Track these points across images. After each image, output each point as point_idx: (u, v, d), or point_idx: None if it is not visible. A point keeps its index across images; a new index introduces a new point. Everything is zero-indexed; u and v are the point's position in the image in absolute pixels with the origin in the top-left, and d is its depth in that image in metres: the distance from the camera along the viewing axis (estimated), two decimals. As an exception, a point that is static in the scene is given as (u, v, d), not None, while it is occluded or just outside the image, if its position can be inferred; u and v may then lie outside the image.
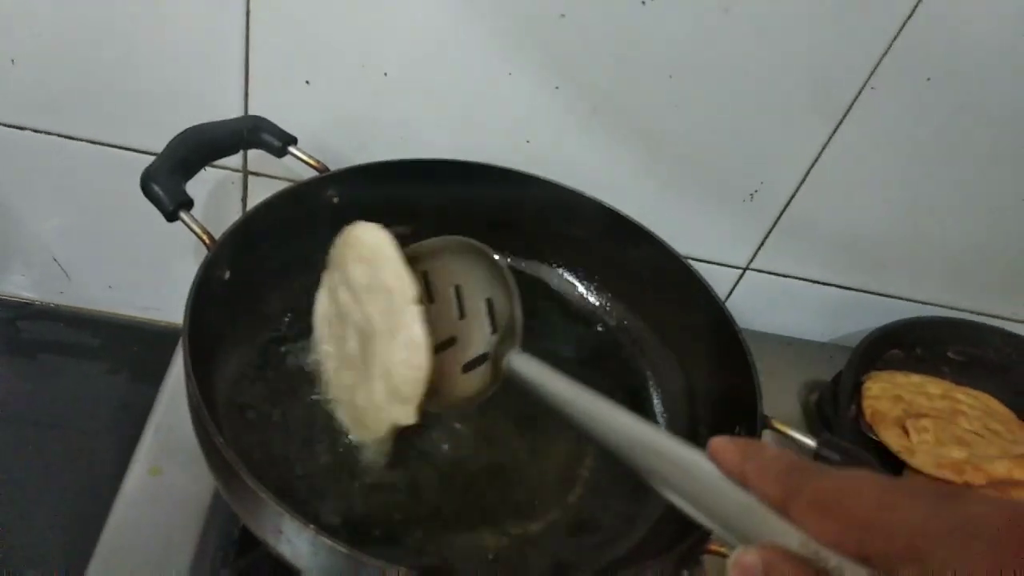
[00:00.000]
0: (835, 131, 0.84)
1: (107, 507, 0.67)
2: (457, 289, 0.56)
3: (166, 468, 0.70)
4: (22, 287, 0.98)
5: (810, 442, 0.62)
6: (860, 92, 0.80)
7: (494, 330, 0.55)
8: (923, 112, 0.82)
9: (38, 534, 0.82)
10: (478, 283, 0.55)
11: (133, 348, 0.98)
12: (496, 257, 0.55)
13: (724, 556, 0.54)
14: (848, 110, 0.82)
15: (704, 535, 0.54)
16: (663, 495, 0.40)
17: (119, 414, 0.92)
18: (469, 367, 0.56)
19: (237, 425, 0.62)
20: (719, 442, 0.39)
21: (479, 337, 0.56)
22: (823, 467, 0.35)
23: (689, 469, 0.40)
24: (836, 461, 0.61)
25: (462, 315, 0.56)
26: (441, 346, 0.57)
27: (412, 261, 0.56)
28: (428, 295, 0.56)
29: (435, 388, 0.55)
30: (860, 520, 0.32)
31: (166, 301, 0.99)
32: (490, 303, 0.56)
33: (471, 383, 0.56)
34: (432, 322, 0.54)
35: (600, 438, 0.45)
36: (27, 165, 0.85)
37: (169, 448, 0.71)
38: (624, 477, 0.68)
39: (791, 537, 0.34)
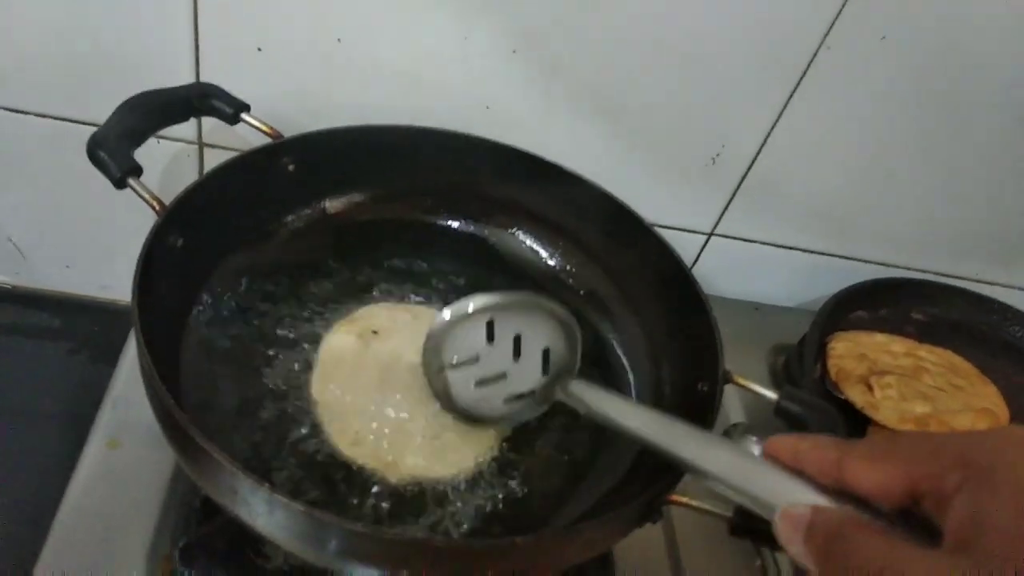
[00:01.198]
0: (793, 92, 0.84)
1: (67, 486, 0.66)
2: (517, 337, 0.62)
3: (125, 441, 0.69)
4: (-24, 270, 0.96)
5: (772, 395, 0.63)
6: (816, 53, 0.80)
7: (545, 372, 0.63)
8: (879, 71, 0.82)
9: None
10: (538, 334, 0.62)
11: (93, 328, 0.96)
12: (562, 314, 0.63)
13: (685, 506, 0.54)
14: (805, 71, 0.82)
15: (665, 486, 0.54)
16: (710, 487, 0.46)
17: (79, 394, 0.90)
18: (512, 400, 0.64)
19: (193, 394, 0.61)
20: (774, 441, 0.44)
21: (530, 378, 0.63)
22: (868, 437, 0.39)
23: (734, 463, 0.45)
24: (798, 413, 0.62)
25: (517, 357, 0.62)
26: (489, 380, 0.63)
27: (484, 312, 0.61)
28: (489, 336, 0.62)
29: (471, 410, 0.64)
30: (907, 455, 0.36)
31: (123, 280, 0.96)
32: (546, 352, 0.62)
33: (510, 409, 0.64)
34: (485, 358, 0.62)
35: (655, 449, 0.51)
36: (-27, 141, 0.82)
37: (127, 422, 0.70)
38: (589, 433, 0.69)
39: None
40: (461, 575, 0.49)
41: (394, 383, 0.66)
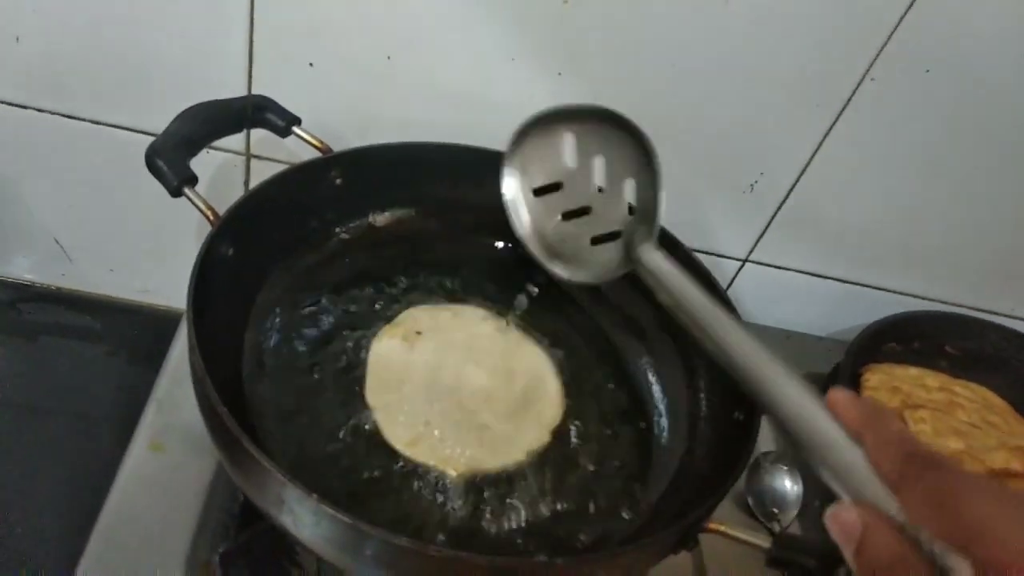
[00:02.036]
0: (834, 123, 0.84)
1: (107, 487, 0.67)
2: (601, 162, 0.55)
3: (168, 445, 0.70)
4: (23, 269, 0.98)
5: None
6: (860, 83, 0.81)
7: (631, 212, 0.55)
8: (923, 104, 0.82)
9: (38, 515, 0.82)
10: (624, 162, 0.55)
11: (132, 331, 0.98)
12: (648, 140, 0.55)
13: (723, 535, 0.54)
14: (848, 102, 0.82)
15: (704, 513, 0.54)
16: (769, 413, 0.42)
17: (117, 397, 0.92)
18: (598, 240, 0.57)
19: (240, 400, 0.62)
20: (840, 397, 0.39)
21: (615, 215, 0.56)
22: (939, 458, 0.35)
23: (799, 404, 0.40)
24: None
25: (601, 188, 0.56)
26: (572, 213, 0.57)
27: (556, 119, 0.56)
28: (575, 156, 0.56)
29: (558, 251, 0.57)
30: (972, 526, 0.32)
31: (165, 285, 0.99)
32: (634, 185, 0.55)
33: (598, 256, 0.57)
34: (569, 187, 0.56)
35: (712, 351, 0.47)
36: (30, 145, 0.85)
37: (171, 425, 0.71)
38: (625, 456, 0.70)
39: (890, 504, 0.35)
40: (500, 593, 0.50)
41: (443, 380, 0.68)
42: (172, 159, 0.63)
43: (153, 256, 0.97)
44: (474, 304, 0.77)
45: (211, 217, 0.62)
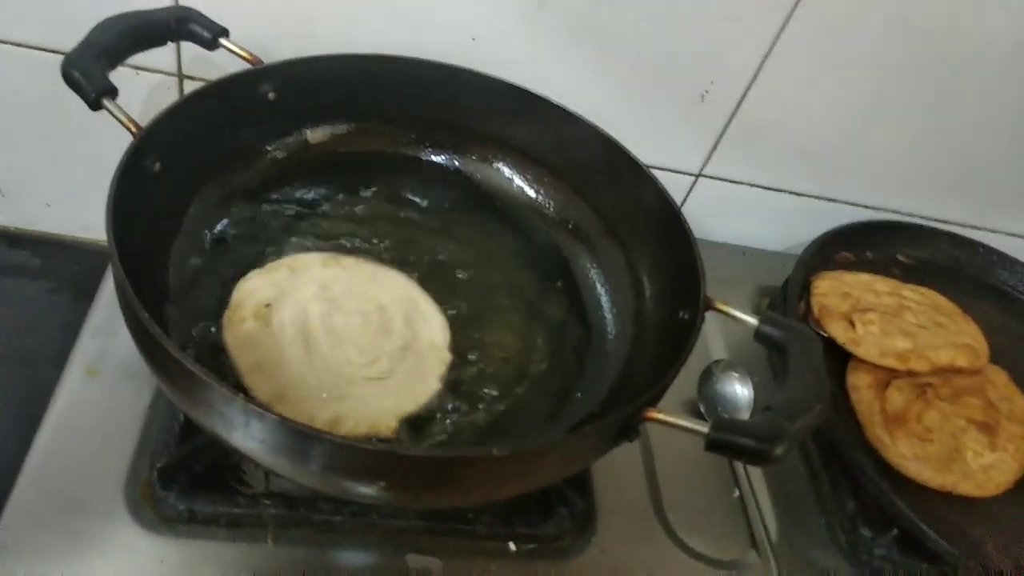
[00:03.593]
0: (783, 28, 0.82)
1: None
2: None
3: (103, 369, 0.68)
4: (-45, 207, 0.94)
5: (752, 320, 0.62)
6: (806, -15, 0.79)
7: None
8: (874, 8, 0.81)
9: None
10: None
11: (73, 268, 0.95)
12: None
13: (663, 423, 0.54)
14: (795, 6, 0.80)
15: (644, 402, 0.54)
16: None
17: (60, 334, 0.90)
18: None
19: (168, 312, 0.61)
20: None
21: None
22: None
23: None
24: (777, 337, 0.62)
25: None
26: None
27: None
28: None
29: None
30: None
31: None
32: None
33: None
34: None
35: None
36: (-52, 72, 0.81)
37: (107, 350, 0.70)
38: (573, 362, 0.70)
39: None
40: (438, 486, 0.49)
41: (320, 345, 0.63)
42: (89, 70, 0.60)
43: (91, 190, 0.92)
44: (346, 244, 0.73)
45: (133, 130, 0.60)
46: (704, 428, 0.52)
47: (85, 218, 0.97)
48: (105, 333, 0.71)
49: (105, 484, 0.61)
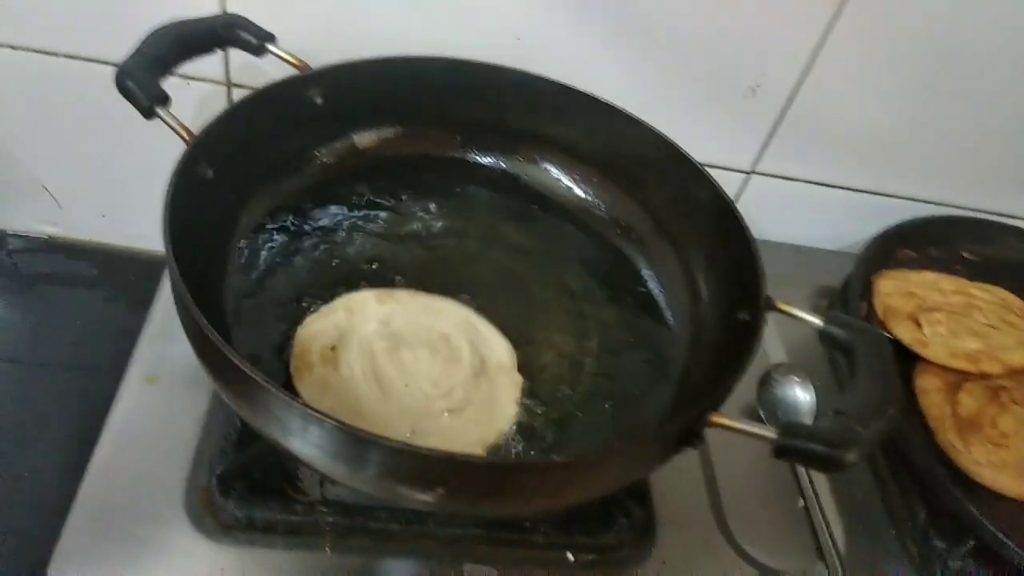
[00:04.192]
0: (836, 17, 0.80)
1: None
2: None
3: (162, 376, 0.69)
4: (15, 219, 0.96)
5: (816, 321, 0.60)
6: (863, -27, 0.76)
7: None
8: (931, -6, 0.78)
9: (43, 460, 0.81)
10: None
11: (129, 277, 0.97)
12: None
13: (727, 428, 0.52)
14: (850, -5, 0.78)
15: (704, 408, 0.52)
16: None
17: (117, 343, 0.91)
18: None
19: (226, 317, 0.61)
20: None
21: None
22: None
23: None
24: (843, 339, 0.59)
25: None
26: None
27: None
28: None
29: None
30: None
31: (159, 229, 0.97)
32: None
33: None
34: None
35: None
36: (5, 85, 0.82)
37: (165, 357, 0.70)
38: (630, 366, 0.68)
39: None
40: (500, 493, 0.48)
41: (393, 384, 0.62)
42: (142, 80, 0.61)
43: (145, 201, 0.94)
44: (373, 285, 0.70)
45: (186, 137, 0.60)
46: (772, 433, 0.50)
47: (139, 228, 0.98)
48: (162, 340, 0.72)
49: (165, 491, 0.61)
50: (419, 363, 0.63)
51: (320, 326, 0.65)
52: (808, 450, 0.48)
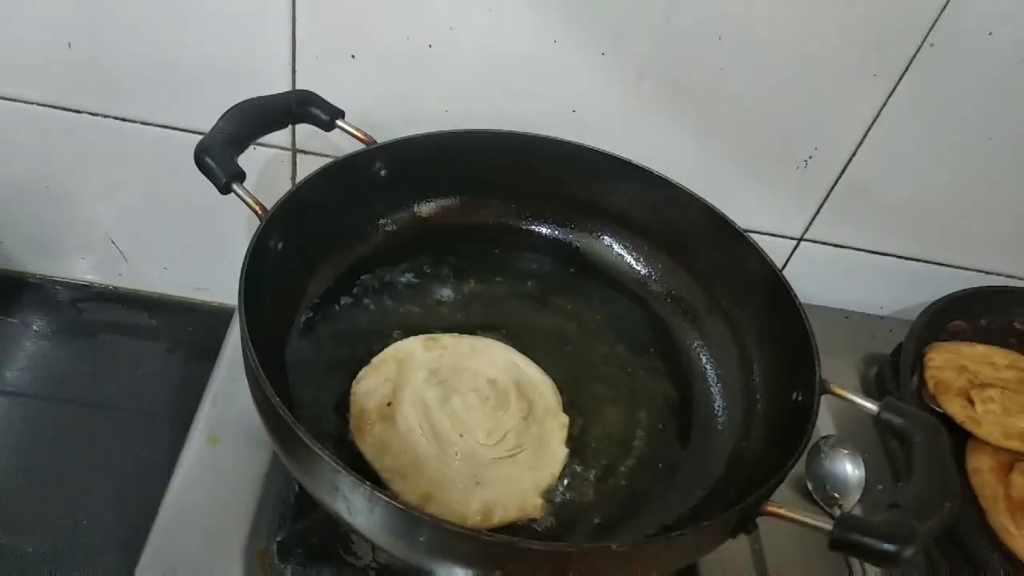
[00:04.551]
0: (892, 92, 0.81)
1: (167, 482, 0.69)
2: None
3: (224, 437, 0.71)
4: (82, 269, 1.01)
5: (872, 406, 0.60)
6: (919, 49, 0.77)
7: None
8: (985, 69, 0.79)
9: (102, 509, 0.84)
10: None
11: (188, 328, 1.01)
12: None
13: (783, 518, 0.52)
14: (906, 69, 0.79)
15: (763, 495, 0.52)
16: None
17: (176, 392, 0.94)
18: None
19: (292, 387, 0.63)
20: None
21: None
22: None
23: None
24: (900, 426, 0.59)
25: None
26: None
27: None
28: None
29: None
30: None
31: (219, 282, 1.01)
32: None
33: None
34: None
35: None
36: (83, 148, 0.87)
37: (227, 418, 0.73)
38: (679, 439, 0.69)
39: None
40: (556, 578, 0.49)
41: (448, 435, 0.63)
42: (220, 157, 0.63)
43: (206, 254, 0.99)
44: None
45: (259, 212, 0.63)
46: (828, 526, 0.50)
47: (200, 280, 1.02)
48: (224, 400, 0.74)
49: (224, 554, 0.63)
50: (470, 411, 0.65)
51: (373, 382, 0.66)
52: (865, 545, 0.48)
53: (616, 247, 0.83)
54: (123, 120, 0.84)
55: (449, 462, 0.62)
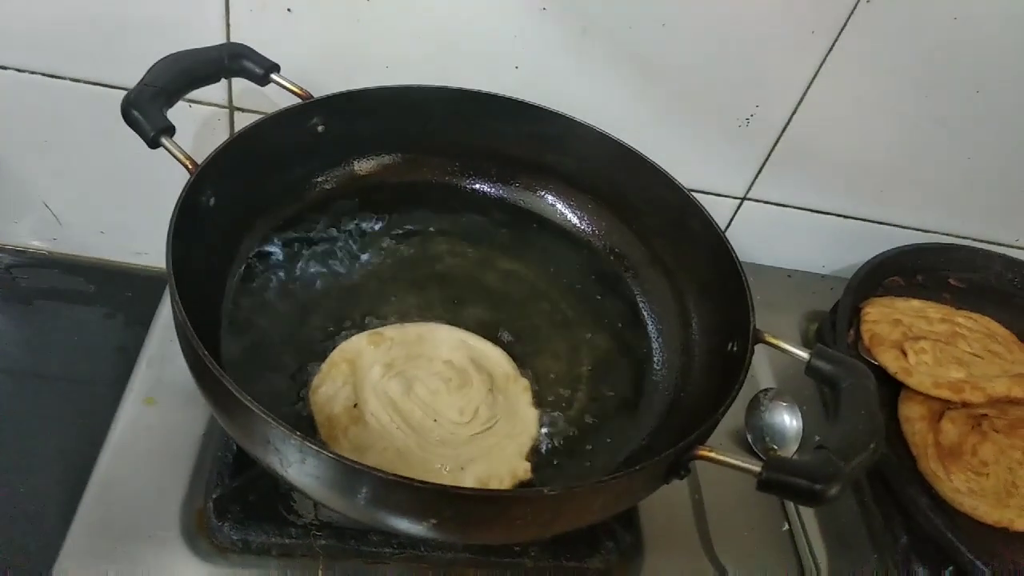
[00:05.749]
0: (830, 50, 0.82)
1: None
2: None
3: (160, 398, 0.70)
4: (16, 234, 0.98)
5: (803, 354, 0.62)
6: (855, 7, 0.78)
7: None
8: (921, 27, 0.80)
9: (41, 475, 0.83)
10: None
11: (127, 293, 0.99)
12: None
13: (714, 461, 0.53)
14: (843, 27, 0.80)
15: (694, 440, 0.53)
16: None
17: (115, 358, 0.93)
18: None
19: (224, 344, 0.62)
20: None
21: None
22: None
23: None
24: (829, 372, 0.61)
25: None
26: None
27: None
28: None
29: None
30: None
31: (158, 246, 0.97)
32: None
33: None
34: None
35: None
36: (11, 106, 0.84)
37: (163, 379, 0.71)
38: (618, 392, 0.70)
39: None
40: (489, 523, 0.50)
41: (417, 420, 0.63)
42: (148, 109, 0.62)
43: (144, 218, 0.96)
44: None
45: (190, 167, 0.61)
46: (756, 467, 0.51)
47: (137, 245, 0.99)
48: (160, 362, 0.73)
49: (162, 513, 0.62)
50: (437, 396, 0.65)
51: (330, 387, 0.64)
52: (791, 484, 0.50)
53: (559, 205, 0.83)
54: (51, 76, 0.81)
55: (431, 448, 0.62)
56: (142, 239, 0.99)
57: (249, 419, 0.49)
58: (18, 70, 0.81)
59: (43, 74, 0.81)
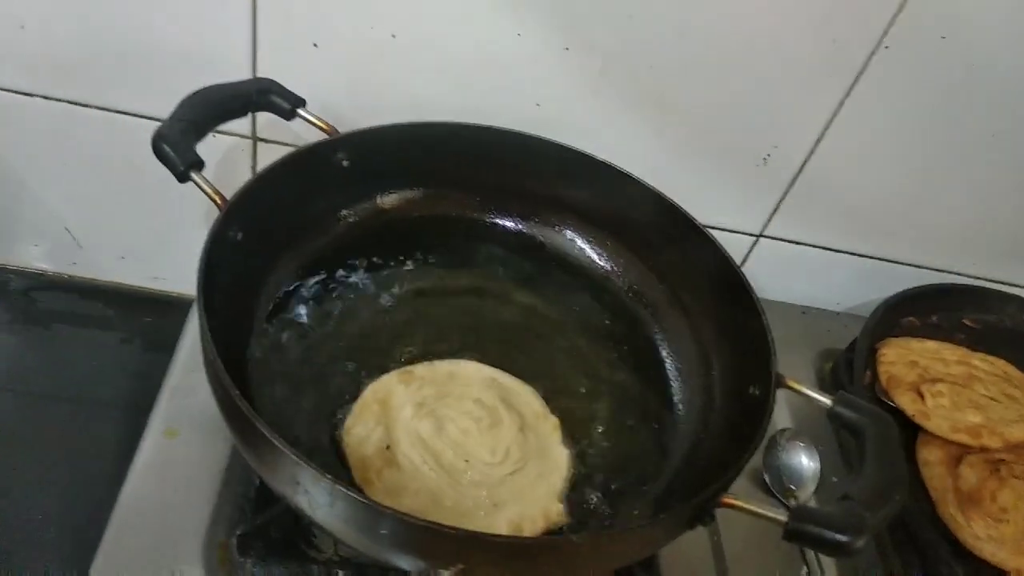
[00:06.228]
0: (849, 92, 0.82)
1: (122, 474, 0.68)
2: None
3: (182, 430, 0.70)
4: (35, 257, 0.98)
5: (826, 400, 0.62)
6: (874, 51, 0.79)
7: None
8: (938, 72, 0.81)
9: (56, 502, 0.82)
10: None
11: (145, 318, 0.99)
12: None
13: (739, 509, 0.53)
14: (862, 70, 0.80)
15: (719, 488, 0.53)
16: None
17: (131, 383, 0.93)
18: None
19: (252, 381, 0.63)
20: None
21: None
22: None
23: None
24: (852, 419, 0.61)
25: None
26: None
27: None
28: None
29: None
30: None
31: (176, 271, 0.99)
32: None
33: None
34: None
35: None
36: (38, 133, 0.85)
37: (185, 411, 0.71)
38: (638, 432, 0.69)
39: None
40: (516, 569, 0.50)
41: (450, 463, 0.63)
42: (178, 144, 0.62)
43: (163, 243, 0.97)
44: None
45: (219, 202, 0.62)
46: (783, 517, 0.51)
47: (156, 270, 1.00)
48: (182, 393, 0.73)
49: (183, 548, 0.62)
50: (468, 435, 0.64)
51: (362, 429, 0.64)
52: (818, 536, 0.50)
53: (578, 241, 0.83)
54: (78, 104, 0.82)
55: (464, 490, 0.62)
56: (160, 264, 0.99)
57: (280, 461, 0.49)
58: (45, 97, 0.82)
59: (68, 101, 0.82)
